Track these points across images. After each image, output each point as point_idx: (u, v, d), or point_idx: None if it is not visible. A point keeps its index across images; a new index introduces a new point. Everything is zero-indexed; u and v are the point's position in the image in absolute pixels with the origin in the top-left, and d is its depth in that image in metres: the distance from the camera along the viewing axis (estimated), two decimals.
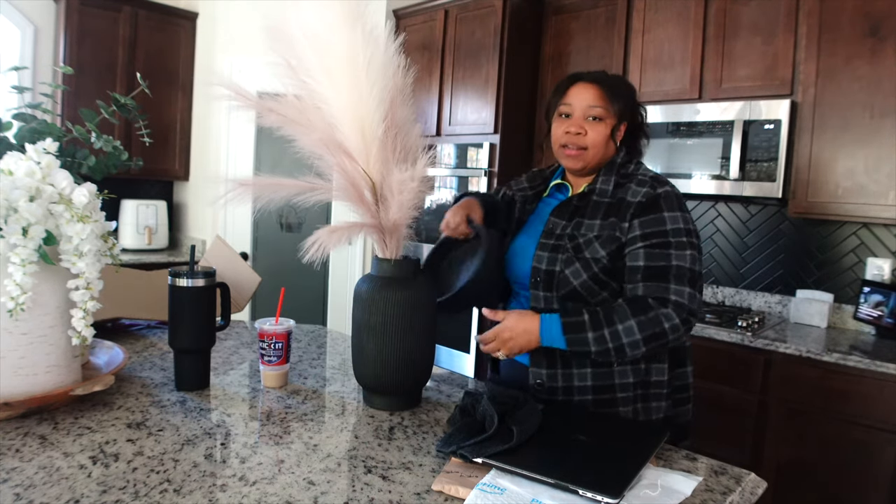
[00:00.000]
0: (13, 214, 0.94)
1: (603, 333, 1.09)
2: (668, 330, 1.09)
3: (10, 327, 0.99)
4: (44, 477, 0.81)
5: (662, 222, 1.15)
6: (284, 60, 1.15)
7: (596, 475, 0.83)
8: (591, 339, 1.09)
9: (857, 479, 2.02)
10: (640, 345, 1.09)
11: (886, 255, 2.43)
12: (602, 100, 1.21)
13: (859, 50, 2.22)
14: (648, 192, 1.17)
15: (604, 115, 1.21)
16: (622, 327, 1.08)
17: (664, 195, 1.17)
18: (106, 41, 3.52)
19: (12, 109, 1.13)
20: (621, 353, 1.09)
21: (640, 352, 1.10)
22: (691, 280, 1.12)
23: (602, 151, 1.23)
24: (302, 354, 1.51)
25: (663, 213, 1.15)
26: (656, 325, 1.08)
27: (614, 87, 1.23)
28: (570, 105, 1.23)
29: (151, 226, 3.82)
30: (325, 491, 0.82)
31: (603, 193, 1.22)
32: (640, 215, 1.16)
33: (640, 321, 1.09)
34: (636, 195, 1.18)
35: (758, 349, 2.21)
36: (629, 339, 1.08)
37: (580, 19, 3.07)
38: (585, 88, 1.23)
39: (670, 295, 1.10)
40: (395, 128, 1.16)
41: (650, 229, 1.14)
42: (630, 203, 1.17)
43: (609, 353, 1.09)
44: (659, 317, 1.09)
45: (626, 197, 1.19)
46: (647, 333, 1.08)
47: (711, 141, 2.49)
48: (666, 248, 1.13)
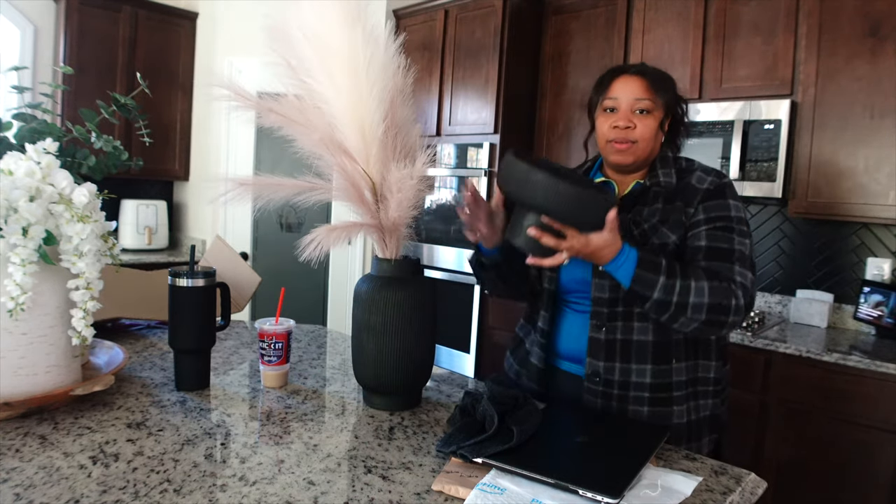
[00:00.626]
0: (13, 214, 0.94)
1: (674, 283, 1.04)
2: (732, 308, 1.05)
3: (10, 327, 0.99)
4: (44, 477, 0.81)
5: (727, 208, 1.14)
6: (284, 60, 1.15)
7: (596, 475, 0.83)
8: (659, 284, 1.03)
9: (857, 479, 2.02)
10: (703, 310, 1.04)
11: (886, 255, 2.43)
12: (649, 92, 1.17)
13: (859, 50, 2.22)
14: (715, 180, 1.17)
15: (651, 107, 1.17)
16: (695, 285, 1.04)
17: (729, 185, 1.18)
18: (106, 41, 3.52)
19: (12, 109, 1.13)
20: (681, 311, 1.04)
21: (698, 318, 1.05)
22: (752, 267, 1.11)
23: (651, 145, 1.19)
24: (302, 354, 1.51)
25: (728, 199, 1.15)
26: (725, 297, 1.05)
27: (659, 78, 1.20)
28: (615, 99, 1.19)
29: (151, 226, 3.82)
30: (325, 491, 0.82)
31: (668, 186, 1.19)
32: (707, 200, 1.15)
33: (713, 287, 1.05)
34: (703, 182, 1.17)
35: (758, 349, 2.21)
36: (696, 300, 1.04)
37: (580, 19, 3.07)
38: (630, 81, 1.19)
39: (735, 276, 1.08)
40: (395, 128, 1.16)
41: (715, 213, 1.14)
42: (697, 189, 1.16)
43: (668, 306, 1.04)
44: (730, 290, 1.06)
45: (691, 182, 1.17)
46: (714, 301, 1.04)
47: (711, 141, 2.49)
48: (730, 232, 1.12)
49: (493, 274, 1.27)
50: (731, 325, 1.07)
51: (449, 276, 3.26)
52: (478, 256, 1.29)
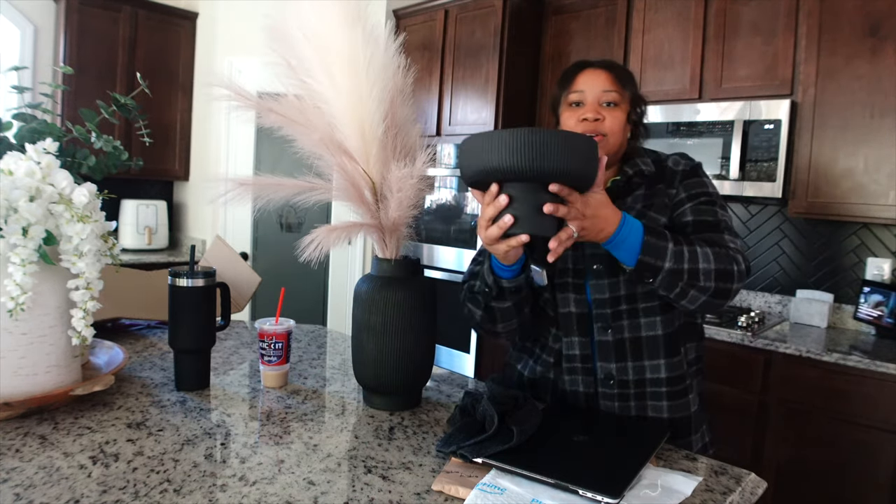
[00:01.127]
0: (13, 214, 0.94)
1: (682, 249, 0.99)
2: (736, 273, 1.02)
3: (10, 327, 0.99)
4: (44, 477, 0.81)
5: (705, 185, 1.15)
6: (284, 60, 1.15)
7: (596, 475, 0.83)
8: (669, 251, 0.98)
9: (857, 479, 2.02)
10: (712, 276, 1.00)
11: (886, 255, 2.43)
12: (615, 84, 1.15)
13: (859, 50, 2.22)
14: (689, 163, 1.18)
15: (619, 99, 1.14)
16: (701, 251, 1.00)
17: (699, 165, 1.19)
18: (106, 41, 3.52)
19: (12, 109, 1.13)
20: (693, 279, 0.99)
21: (709, 287, 1.00)
22: (737, 234, 1.11)
23: (620, 139, 1.16)
24: (302, 354, 1.51)
25: (703, 178, 1.17)
26: (729, 262, 1.02)
27: (624, 73, 1.18)
28: (581, 92, 1.15)
29: (151, 226, 3.82)
30: (326, 491, 0.82)
31: (649, 174, 1.18)
32: (686, 179, 1.16)
33: (717, 252, 1.02)
34: (678, 164, 1.18)
35: (758, 349, 2.21)
36: (705, 266, 0.99)
37: (580, 19, 3.07)
38: (596, 74, 1.16)
39: (728, 243, 1.06)
40: (395, 128, 1.16)
41: (695, 190, 1.14)
42: (675, 171, 1.17)
43: (681, 275, 0.99)
44: (731, 255, 1.03)
45: (668, 166, 1.18)
46: (721, 266, 1.01)
47: (711, 141, 2.49)
48: (712, 205, 1.13)
49: (510, 304, 1.10)
50: (735, 293, 1.04)
51: (449, 276, 3.26)
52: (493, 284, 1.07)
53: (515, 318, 1.14)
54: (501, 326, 1.15)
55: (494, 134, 0.88)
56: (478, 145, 0.90)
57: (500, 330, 1.17)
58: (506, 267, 1.05)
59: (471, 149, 0.92)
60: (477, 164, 0.91)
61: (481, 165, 0.90)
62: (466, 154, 0.93)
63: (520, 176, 0.88)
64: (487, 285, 1.09)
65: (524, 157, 0.86)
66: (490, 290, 1.08)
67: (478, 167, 0.91)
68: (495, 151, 0.88)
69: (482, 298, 1.11)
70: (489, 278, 1.08)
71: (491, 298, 1.10)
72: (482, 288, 1.10)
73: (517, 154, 0.86)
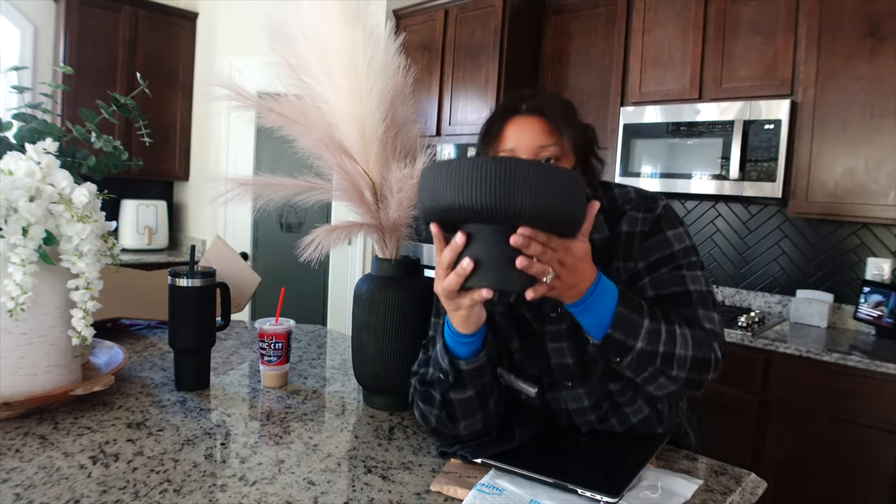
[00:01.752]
0: (13, 214, 0.94)
1: (659, 328, 0.84)
2: (712, 363, 0.87)
3: (10, 327, 0.99)
4: (44, 477, 0.81)
5: (668, 244, 0.96)
6: (284, 60, 1.15)
7: (595, 475, 0.83)
8: (644, 329, 0.83)
9: (857, 479, 2.02)
10: (686, 365, 0.85)
11: (886, 255, 2.43)
12: (553, 134, 0.93)
13: (859, 50, 2.22)
14: (648, 217, 0.97)
15: (559, 153, 0.93)
16: (679, 332, 0.85)
17: (663, 214, 0.98)
18: (106, 41, 3.52)
19: (12, 109, 1.13)
20: (667, 364, 0.85)
21: (680, 378, 0.86)
22: (713, 304, 0.94)
23: None
24: (302, 354, 1.51)
25: (666, 233, 0.96)
26: (707, 350, 0.87)
27: (561, 113, 0.94)
28: (513, 150, 0.94)
29: (151, 226, 3.82)
30: (326, 491, 0.82)
31: (603, 241, 0.97)
32: (643, 242, 0.96)
33: (696, 335, 0.87)
34: (635, 224, 0.97)
35: (758, 349, 2.21)
36: (682, 352, 0.85)
37: (580, 19, 3.07)
38: (527, 123, 0.94)
39: (703, 322, 0.90)
40: (395, 128, 1.16)
41: (655, 255, 0.95)
42: (632, 235, 0.96)
43: (654, 359, 0.84)
44: (710, 340, 0.88)
45: (623, 230, 0.97)
46: (697, 354, 0.86)
47: (711, 141, 2.49)
48: (677, 270, 0.94)
49: (472, 393, 0.91)
50: (706, 383, 0.90)
51: None
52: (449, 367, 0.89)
53: (479, 413, 0.93)
54: (464, 426, 0.93)
55: (451, 164, 0.73)
56: (431, 177, 0.75)
57: (462, 432, 0.94)
58: (464, 339, 0.87)
59: (425, 183, 0.77)
60: (430, 202, 0.76)
61: (435, 203, 0.75)
62: (421, 188, 0.78)
63: (483, 217, 0.72)
64: (442, 370, 0.90)
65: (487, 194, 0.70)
66: (446, 375, 0.90)
67: (431, 205, 0.76)
68: (450, 186, 0.72)
69: (437, 389, 0.92)
70: (444, 361, 0.90)
71: (448, 387, 0.91)
72: (436, 375, 0.92)
73: (478, 190, 0.70)
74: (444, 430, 0.95)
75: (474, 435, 0.95)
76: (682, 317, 0.90)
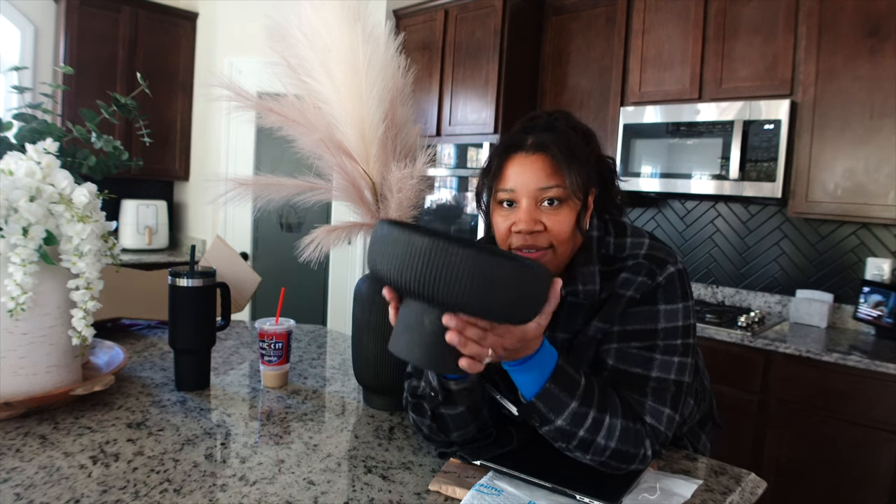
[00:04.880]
0: (13, 214, 0.94)
1: (587, 414, 0.79)
2: (638, 457, 0.82)
3: (10, 327, 0.99)
4: (44, 477, 0.81)
5: (654, 319, 0.87)
6: (284, 60, 1.15)
7: (594, 480, 0.83)
8: (568, 411, 0.79)
9: (857, 479, 2.02)
10: (604, 453, 0.81)
11: (886, 255, 2.43)
12: (557, 175, 0.85)
13: (859, 50, 2.22)
14: (645, 283, 0.88)
15: (564, 195, 0.85)
16: (608, 422, 0.80)
17: (665, 285, 0.88)
18: (106, 41, 3.52)
19: (12, 109, 1.13)
20: (582, 448, 0.81)
21: (596, 460, 0.82)
22: (674, 398, 0.86)
23: (572, 244, 0.89)
24: (302, 354, 1.51)
25: (657, 306, 0.88)
26: (634, 445, 0.82)
27: (569, 150, 0.86)
28: (511, 191, 0.87)
29: (151, 226, 3.82)
30: (325, 491, 0.82)
31: (590, 296, 0.89)
32: (629, 308, 0.88)
33: (626, 428, 0.81)
34: (628, 287, 0.89)
35: (758, 349, 2.21)
36: (602, 441, 0.80)
37: (580, 19, 3.07)
38: (529, 161, 0.86)
39: (646, 415, 0.84)
40: (395, 128, 1.16)
41: (633, 326, 0.88)
42: (620, 297, 0.89)
43: (571, 438, 0.80)
44: (642, 437, 0.82)
45: (616, 290, 0.89)
46: (620, 447, 0.81)
47: (711, 141, 2.49)
48: (650, 350, 0.86)
49: (462, 409, 0.88)
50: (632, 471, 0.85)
51: None
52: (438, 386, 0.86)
53: (472, 425, 0.90)
54: (457, 435, 0.91)
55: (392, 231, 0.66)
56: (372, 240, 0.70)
57: (455, 439, 0.92)
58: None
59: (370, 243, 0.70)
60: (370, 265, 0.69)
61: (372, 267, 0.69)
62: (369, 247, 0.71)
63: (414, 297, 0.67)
64: (432, 388, 0.87)
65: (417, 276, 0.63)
66: (435, 394, 0.87)
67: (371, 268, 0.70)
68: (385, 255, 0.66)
69: (428, 404, 0.89)
70: (433, 380, 0.87)
71: (438, 404, 0.88)
72: (426, 391, 0.89)
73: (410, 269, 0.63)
74: (437, 438, 0.93)
75: (469, 441, 0.92)
76: (627, 402, 0.84)
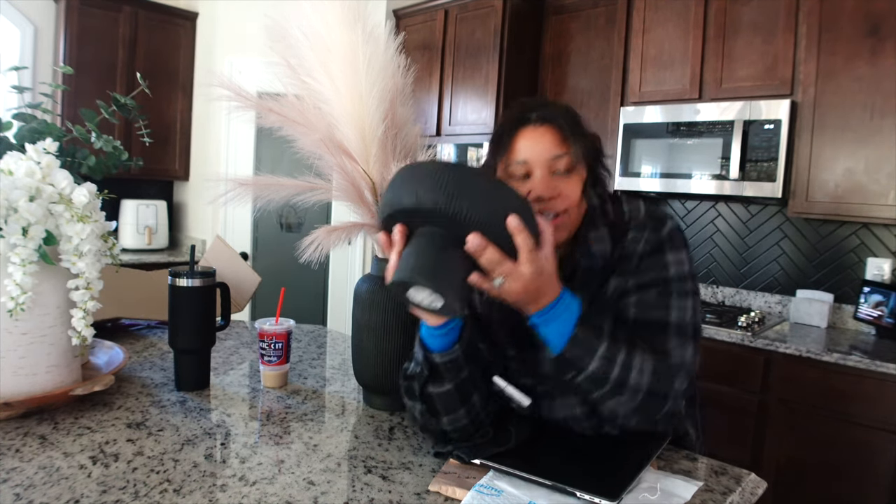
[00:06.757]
0: (13, 214, 0.94)
1: (616, 353, 0.83)
2: (671, 396, 0.86)
3: (10, 327, 0.99)
4: (44, 477, 0.81)
5: (664, 267, 0.93)
6: (284, 60, 1.15)
7: (594, 477, 0.83)
8: (599, 352, 0.83)
9: (857, 479, 2.02)
10: (638, 395, 0.84)
11: (886, 255, 2.43)
12: (564, 143, 0.92)
13: (859, 50, 2.22)
14: (652, 238, 0.95)
15: (573, 163, 0.92)
16: (638, 360, 0.84)
17: (669, 236, 0.95)
18: (106, 41, 3.52)
19: (12, 109, 1.13)
20: (618, 391, 0.84)
21: (629, 406, 0.85)
22: (694, 335, 0.91)
23: (579, 211, 0.96)
24: (302, 354, 1.51)
25: (666, 255, 0.94)
26: (666, 383, 0.85)
27: (570, 121, 0.94)
28: (524, 163, 0.92)
29: (151, 226, 3.82)
30: (325, 491, 0.82)
31: (603, 256, 0.95)
32: (641, 262, 0.94)
33: (656, 366, 0.85)
34: (637, 242, 0.95)
35: (758, 349, 2.21)
36: (635, 381, 0.83)
37: (580, 19, 3.07)
38: (538, 134, 0.92)
39: (672, 352, 0.88)
40: (395, 128, 1.16)
41: (648, 276, 0.93)
42: (633, 253, 0.95)
43: (604, 384, 0.84)
44: (671, 373, 0.86)
45: (626, 248, 0.95)
46: (653, 386, 0.84)
47: (711, 141, 2.49)
48: (666, 296, 0.92)
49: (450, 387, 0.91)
50: (666, 413, 0.88)
51: None
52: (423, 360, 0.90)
53: (462, 409, 0.92)
54: (447, 421, 0.93)
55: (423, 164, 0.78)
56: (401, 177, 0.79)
57: (447, 427, 0.93)
58: (435, 331, 0.88)
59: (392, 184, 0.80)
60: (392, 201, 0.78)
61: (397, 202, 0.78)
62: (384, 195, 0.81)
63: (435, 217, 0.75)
64: (418, 363, 0.92)
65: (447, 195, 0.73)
66: (422, 368, 0.90)
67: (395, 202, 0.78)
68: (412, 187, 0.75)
69: (417, 383, 0.92)
70: (419, 354, 0.91)
71: (425, 380, 0.91)
72: (415, 369, 0.93)
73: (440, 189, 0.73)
74: (429, 425, 0.95)
75: (461, 431, 0.94)
76: (653, 345, 0.88)
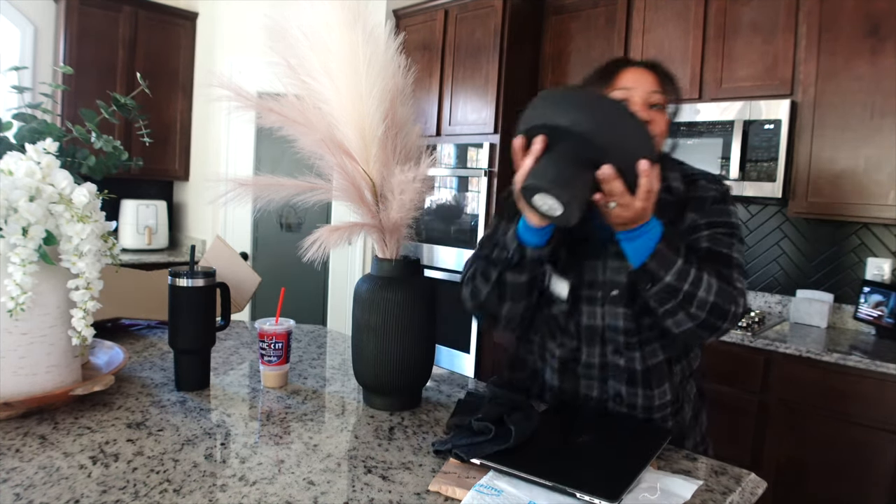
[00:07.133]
0: (13, 214, 0.94)
1: (689, 269, 0.95)
2: (731, 314, 0.98)
3: (10, 327, 0.99)
4: (44, 477, 0.81)
5: (730, 214, 1.09)
6: (284, 60, 1.15)
7: (594, 477, 0.83)
8: (676, 266, 0.94)
9: (857, 479, 2.02)
10: (705, 308, 0.96)
11: (886, 255, 2.43)
12: (661, 86, 1.09)
13: (859, 50, 2.22)
14: (720, 188, 1.12)
15: (664, 102, 1.09)
16: (707, 279, 0.96)
17: (730, 191, 1.13)
18: (106, 41, 3.52)
19: (12, 109, 1.13)
20: (687, 302, 0.96)
21: (698, 317, 0.97)
22: (745, 274, 1.07)
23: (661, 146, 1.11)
24: (302, 354, 1.51)
25: (729, 206, 1.10)
26: (728, 302, 0.97)
27: (668, 76, 1.11)
28: (628, 90, 1.07)
29: (151, 226, 3.82)
30: (325, 491, 0.82)
31: (678, 193, 1.10)
32: (713, 205, 1.10)
33: (721, 288, 0.97)
34: (709, 189, 1.11)
35: (758, 349, 2.21)
36: (703, 294, 0.96)
37: (580, 19, 3.07)
38: (641, 73, 1.09)
39: (735, 281, 1.01)
40: (396, 128, 1.16)
41: (718, 218, 1.08)
42: (705, 198, 1.10)
43: (676, 294, 0.95)
44: (733, 295, 0.99)
45: (697, 193, 1.10)
46: (718, 301, 0.96)
47: (711, 141, 2.49)
48: (731, 237, 1.07)
49: (525, 279, 1.05)
50: (722, 332, 1.01)
51: (449, 276, 3.26)
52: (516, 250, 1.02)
53: (524, 301, 1.08)
54: (507, 308, 1.08)
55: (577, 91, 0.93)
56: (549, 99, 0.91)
57: (503, 312, 1.09)
58: (536, 230, 1.00)
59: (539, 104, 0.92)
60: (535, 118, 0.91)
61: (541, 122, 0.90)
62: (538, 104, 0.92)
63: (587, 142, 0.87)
64: (509, 250, 1.03)
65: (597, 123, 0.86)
66: (511, 256, 1.03)
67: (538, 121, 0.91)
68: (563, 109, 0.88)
69: (498, 268, 1.05)
70: (512, 244, 1.02)
71: (508, 267, 1.04)
72: (502, 255, 1.04)
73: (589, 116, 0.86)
74: (489, 306, 1.09)
75: (511, 321, 1.10)
76: (719, 272, 1.00)
